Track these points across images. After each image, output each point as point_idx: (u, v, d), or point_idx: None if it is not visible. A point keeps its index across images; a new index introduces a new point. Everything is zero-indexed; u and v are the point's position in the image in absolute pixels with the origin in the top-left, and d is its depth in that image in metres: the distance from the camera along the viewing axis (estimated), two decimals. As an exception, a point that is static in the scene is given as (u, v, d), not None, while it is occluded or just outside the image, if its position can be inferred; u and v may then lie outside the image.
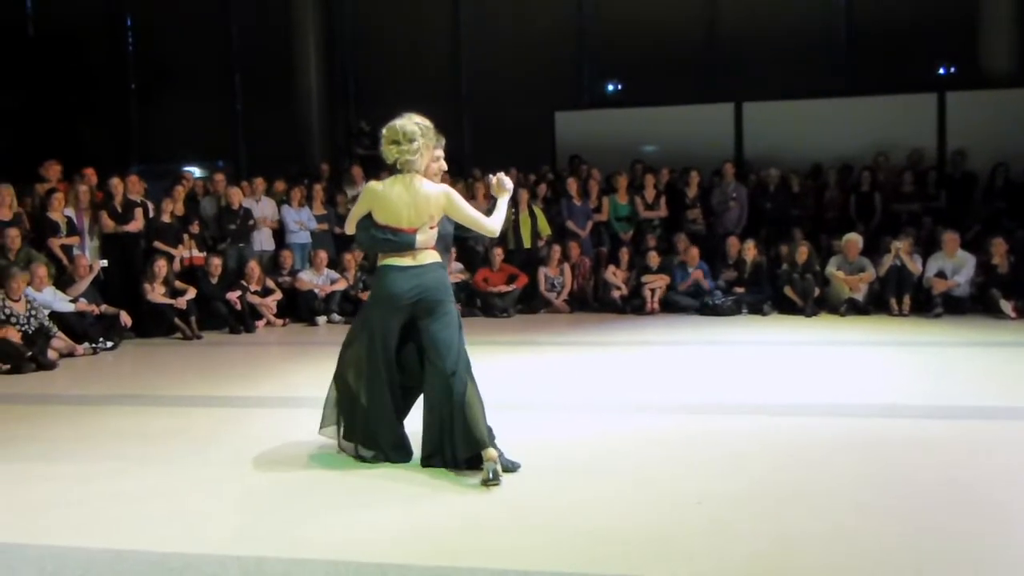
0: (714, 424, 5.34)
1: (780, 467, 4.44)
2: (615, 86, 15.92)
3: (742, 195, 11.80)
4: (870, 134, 12.76)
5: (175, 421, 5.75)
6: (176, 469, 4.64)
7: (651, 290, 10.76)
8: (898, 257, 10.19)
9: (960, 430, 5.14)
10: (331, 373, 7.28)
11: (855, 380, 6.66)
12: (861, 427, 5.20)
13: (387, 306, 4.42)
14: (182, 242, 10.50)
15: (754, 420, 5.42)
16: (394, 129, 4.39)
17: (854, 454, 4.63)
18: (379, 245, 4.45)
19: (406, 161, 4.39)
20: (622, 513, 3.83)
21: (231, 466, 4.65)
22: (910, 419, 5.38)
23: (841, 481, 4.20)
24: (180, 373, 7.81)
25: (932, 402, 5.85)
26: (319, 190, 11.70)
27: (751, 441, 4.92)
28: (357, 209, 4.50)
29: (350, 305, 10.64)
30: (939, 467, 4.40)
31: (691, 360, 7.76)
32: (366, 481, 4.34)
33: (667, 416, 5.56)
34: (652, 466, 4.49)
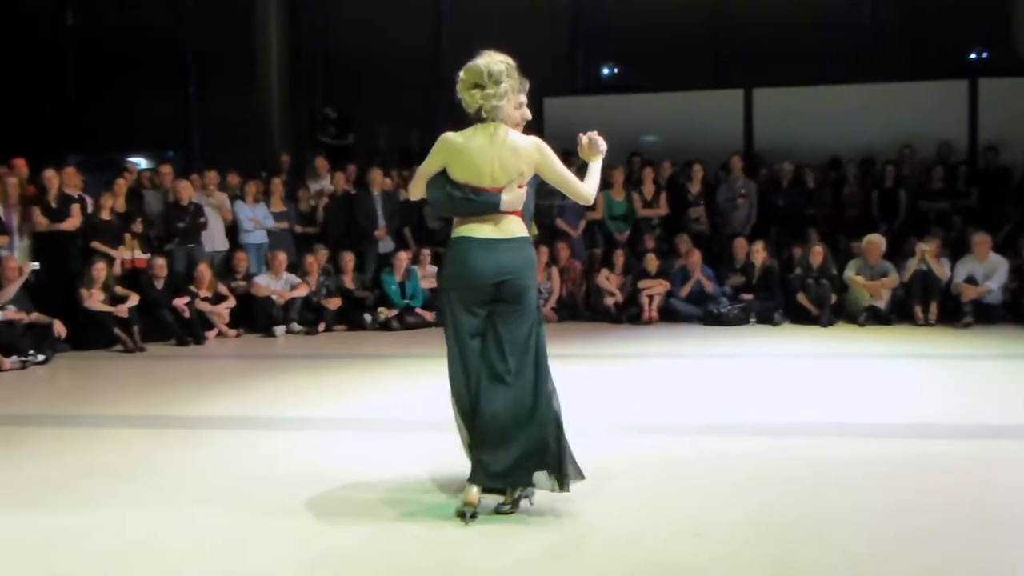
0: (718, 446, 5.34)
1: (790, 493, 4.45)
2: (611, 70, 15.98)
3: (751, 191, 11.85)
4: (894, 124, 12.86)
5: (116, 444, 5.70)
6: (118, 496, 4.59)
7: (649, 297, 10.78)
8: (924, 261, 10.25)
9: (991, 451, 5.16)
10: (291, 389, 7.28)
11: (875, 397, 6.68)
12: (881, 449, 5.21)
13: (464, 289, 4.08)
14: (123, 242, 10.45)
15: (762, 441, 5.43)
16: (476, 69, 4.09)
17: (873, 479, 4.64)
18: (457, 206, 4.09)
19: (493, 107, 4.07)
20: (615, 542, 3.82)
21: (180, 494, 4.61)
22: (936, 439, 5.41)
23: (857, 509, 4.20)
24: (120, 390, 7.75)
25: (960, 421, 5.88)
26: (278, 184, 11.69)
27: (758, 465, 4.93)
28: (428, 165, 4.15)
29: (312, 314, 10.62)
30: (966, 492, 4.41)
31: (693, 375, 7.77)
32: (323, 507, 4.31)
33: (666, 437, 5.56)
34: (648, 492, 4.48)
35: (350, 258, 11.10)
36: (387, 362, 8.75)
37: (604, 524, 4.05)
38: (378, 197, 11.56)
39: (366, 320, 10.70)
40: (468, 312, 4.09)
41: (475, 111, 4.09)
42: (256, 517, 4.23)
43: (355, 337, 10.35)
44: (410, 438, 5.60)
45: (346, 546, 3.86)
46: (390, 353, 9.23)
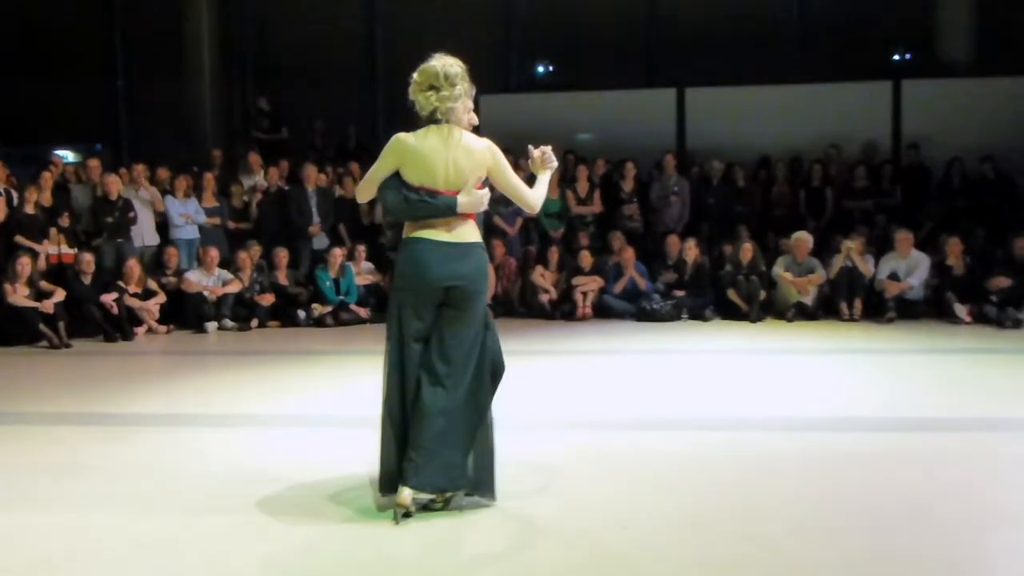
0: (649, 441, 5.40)
1: (717, 486, 4.52)
2: (546, 68, 16.03)
3: (684, 189, 11.99)
4: (821, 125, 13.11)
5: (39, 442, 5.58)
6: (40, 497, 4.49)
7: (583, 293, 10.85)
8: (849, 258, 10.47)
9: (911, 444, 5.30)
10: (222, 386, 7.18)
11: (802, 391, 6.82)
12: (806, 442, 5.32)
13: (414, 290, 4.05)
14: (48, 237, 10.21)
15: (692, 436, 5.50)
16: (432, 71, 4.04)
17: (796, 471, 4.74)
18: (414, 209, 4.03)
19: (448, 109, 4.04)
20: (543, 538, 3.85)
21: (104, 493, 4.52)
22: (858, 432, 5.54)
23: (779, 501, 4.29)
24: (45, 387, 7.58)
25: (882, 414, 6.02)
26: (210, 179, 11.51)
27: (686, 459, 5.00)
28: (380, 167, 4.09)
29: (244, 310, 10.49)
30: (888, 484, 4.53)
31: (626, 371, 7.85)
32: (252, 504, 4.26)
33: (597, 433, 5.61)
34: (578, 488, 4.52)
35: (284, 254, 10.98)
36: (321, 359, 8.68)
37: (537, 519, 4.07)
38: (312, 193, 11.45)
39: (300, 317, 10.59)
40: (415, 315, 4.05)
41: (429, 113, 4.06)
42: (188, 516, 4.17)
43: (288, 334, 10.25)
44: (344, 435, 5.56)
45: (285, 545, 3.83)
46: (324, 350, 9.15)
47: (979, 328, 9.57)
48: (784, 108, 13.46)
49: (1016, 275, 9.94)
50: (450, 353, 4.04)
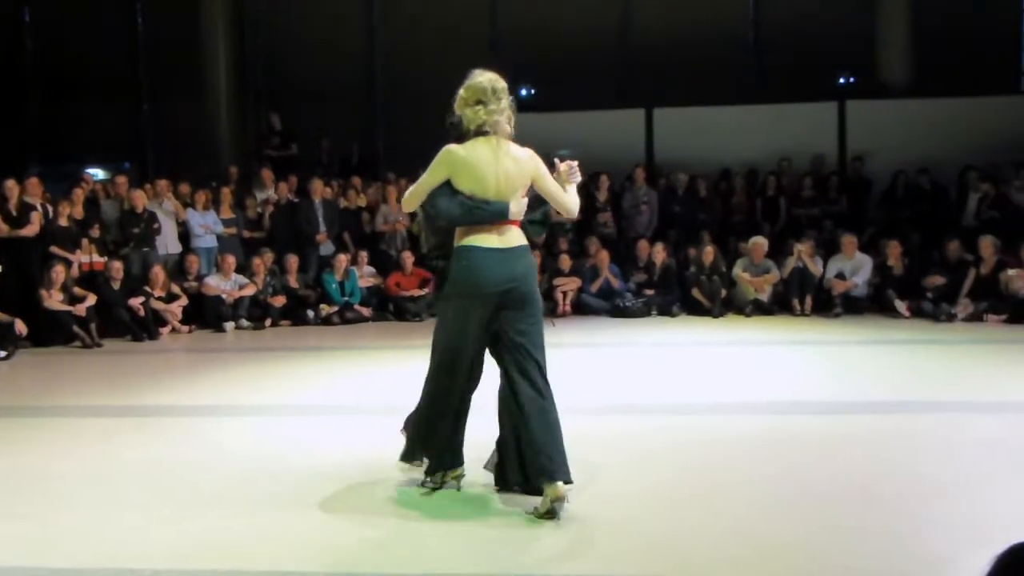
0: (621, 425, 5.41)
1: (682, 466, 4.53)
2: (527, 91, 16.02)
3: (652, 199, 12.00)
4: (775, 140, 13.13)
5: (75, 433, 5.54)
6: (76, 481, 4.47)
7: (563, 293, 10.85)
8: (800, 259, 10.50)
9: (858, 426, 5.33)
10: (239, 379, 7.14)
11: (760, 379, 6.84)
12: (764, 425, 5.34)
13: (472, 297, 3.82)
14: (81, 247, 10.12)
15: (659, 420, 5.51)
16: (480, 87, 3.87)
17: (757, 452, 4.75)
18: (469, 214, 3.83)
19: (495, 122, 3.87)
20: (522, 516, 3.83)
21: (135, 477, 4.49)
22: (811, 416, 5.56)
23: (743, 478, 4.30)
24: (80, 383, 7.52)
25: (832, 399, 6.05)
26: (227, 193, 11.45)
27: (655, 441, 5.01)
28: (430, 178, 3.87)
29: (259, 310, 10.43)
30: (838, 463, 4.55)
31: (601, 362, 7.85)
32: (271, 488, 4.25)
33: (575, 418, 5.53)
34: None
35: (294, 260, 10.93)
36: (328, 354, 8.65)
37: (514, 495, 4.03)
38: (319, 205, 11.41)
39: (309, 316, 10.55)
40: (469, 320, 3.85)
41: (477, 127, 3.88)
42: (210, 497, 4.15)
43: (299, 332, 10.20)
44: (352, 422, 5.55)
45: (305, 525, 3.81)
46: (331, 346, 9.11)
47: (917, 322, 9.61)
48: (742, 126, 13.48)
49: (949, 274, 10.00)
50: (530, 350, 3.87)
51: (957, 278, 9.86)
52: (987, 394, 6.15)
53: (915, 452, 4.73)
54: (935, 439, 5.02)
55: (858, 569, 3.26)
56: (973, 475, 4.33)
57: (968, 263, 10.00)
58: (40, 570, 3.37)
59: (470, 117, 3.88)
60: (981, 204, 11.28)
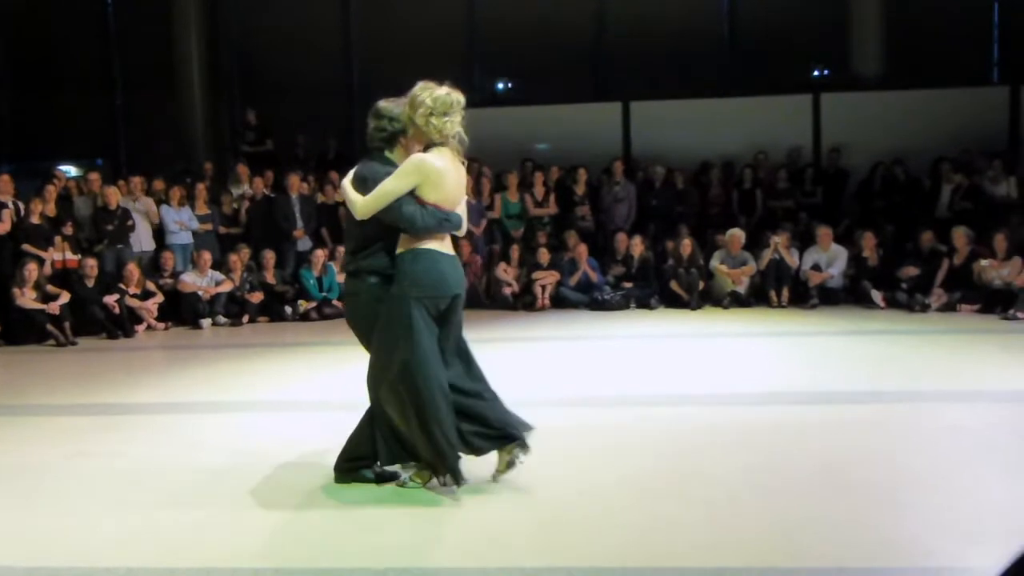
0: (596, 416, 5.43)
1: (659, 456, 4.54)
2: (505, 84, 15.99)
3: (630, 192, 12.03)
4: (751, 133, 13.18)
5: (48, 431, 5.48)
6: (49, 480, 4.42)
7: (542, 287, 10.86)
8: (777, 251, 10.56)
9: (834, 415, 5.37)
10: (217, 375, 7.08)
11: (737, 370, 6.88)
12: (740, 415, 5.37)
13: (433, 299, 3.91)
14: (54, 244, 10.01)
15: (636, 411, 5.54)
16: (448, 100, 3.91)
17: (733, 442, 4.78)
18: (438, 224, 3.89)
19: (456, 134, 3.95)
20: (500, 506, 3.85)
21: (108, 475, 4.45)
22: (787, 406, 5.60)
23: (717, 469, 4.32)
24: (53, 381, 7.44)
25: (808, 388, 6.09)
26: (202, 189, 11.35)
27: (632, 432, 5.02)
28: (400, 185, 3.83)
29: (236, 307, 10.37)
30: (813, 452, 4.58)
31: (580, 354, 7.87)
32: (247, 484, 4.22)
33: (551, 410, 5.60)
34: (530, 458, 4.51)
35: (271, 256, 10.87)
36: (307, 350, 8.61)
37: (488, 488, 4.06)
38: (296, 200, 11.34)
39: (287, 312, 10.50)
40: (430, 318, 3.93)
41: (446, 137, 3.91)
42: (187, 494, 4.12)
43: (277, 328, 10.15)
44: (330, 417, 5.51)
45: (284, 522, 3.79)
46: (309, 341, 9.07)
47: (892, 312, 9.70)
48: (718, 119, 13.53)
49: (923, 265, 10.09)
50: (468, 350, 4.15)
51: (931, 269, 9.96)
52: (960, 383, 6.22)
53: (890, 440, 4.78)
54: (909, 427, 5.07)
55: (834, 556, 3.28)
56: (947, 463, 4.38)
57: (942, 253, 10.10)
58: (13, 569, 3.33)
59: (437, 127, 3.89)
60: (954, 195, 11.39)
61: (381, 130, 4.03)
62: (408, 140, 4.01)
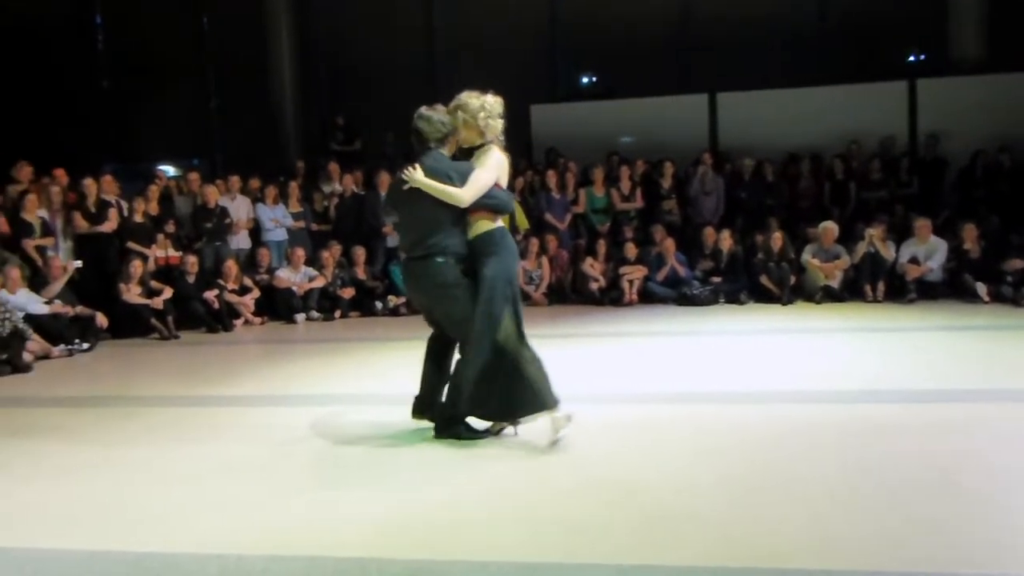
0: (691, 413, 5.37)
1: (756, 455, 4.47)
2: (590, 79, 15.94)
3: (718, 185, 11.85)
4: (843, 122, 12.84)
5: (153, 421, 5.71)
6: (156, 469, 4.61)
7: (629, 281, 10.79)
8: (872, 244, 10.28)
9: (936, 414, 5.19)
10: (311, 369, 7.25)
11: (831, 367, 6.71)
12: (838, 414, 5.24)
13: (514, 265, 4.75)
14: (156, 241, 10.42)
15: (731, 408, 5.45)
16: (497, 104, 4.72)
17: (830, 441, 4.67)
18: (511, 204, 4.82)
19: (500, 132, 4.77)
20: (600, 502, 3.84)
21: (212, 465, 4.62)
22: (886, 404, 5.43)
23: (817, 468, 4.23)
24: (158, 373, 7.75)
25: (908, 387, 5.90)
26: (295, 187, 11.64)
27: (728, 429, 4.95)
28: (491, 176, 4.68)
29: (328, 302, 10.61)
30: (915, 452, 4.44)
31: (669, 350, 7.80)
32: (347, 474, 4.33)
33: (644, 406, 5.58)
34: (628, 455, 4.51)
35: (361, 252, 11.08)
36: (397, 344, 8.73)
37: (591, 481, 4.06)
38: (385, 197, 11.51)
39: (377, 307, 10.69)
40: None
41: (499, 135, 4.75)
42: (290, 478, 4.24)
43: (367, 322, 10.35)
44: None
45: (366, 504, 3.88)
46: (399, 336, 9.20)
47: (996, 307, 9.32)
48: (808, 109, 13.24)
49: (1030, 257, 9.68)
50: None
51: (1038, 261, 9.54)
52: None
53: (995, 441, 4.60)
54: (1016, 428, 4.87)
55: (945, 561, 3.18)
56: (1060, 465, 4.19)
57: (1050, 245, 9.67)
58: (130, 554, 3.48)
59: (493, 127, 4.73)
60: (1063, 183, 10.88)
61: (437, 131, 4.74)
62: (452, 140, 4.78)
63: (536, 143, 13.98)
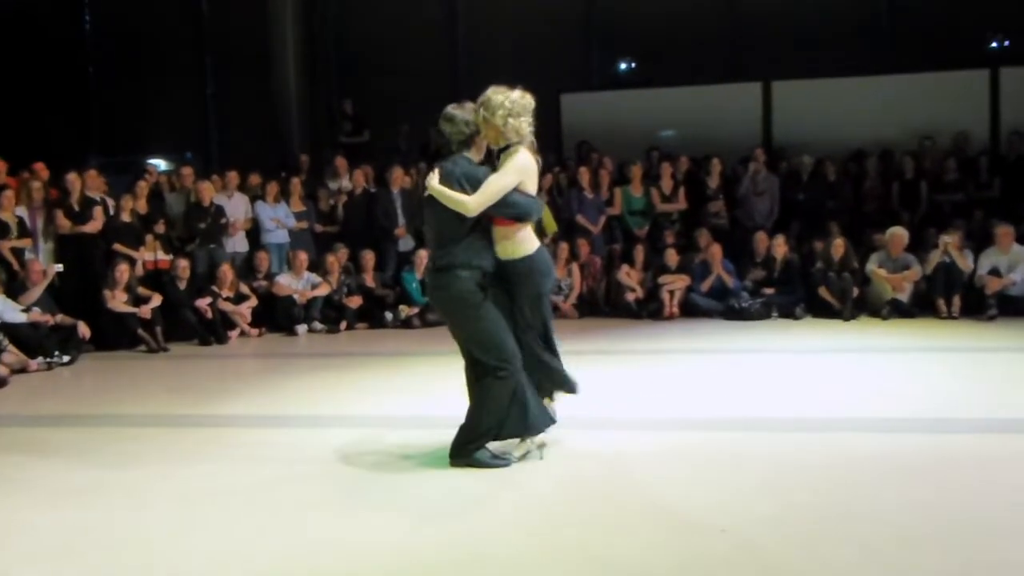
0: (742, 442, 5.33)
1: (815, 489, 4.43)
2: (627, 65, 15.93)
3: (772, 185, 11.81)
4: (914, 116, 12.80)
5: (139, 443, 5.75)
6: (143, 493, 4.64)
7: (669, 292, 10.76)
8: (946, 253, 10.20)
9: (1017, 446, 5.13)
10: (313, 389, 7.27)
11: (899, 392, 6.64)
12: (906, 444, 5.19)
13: (549, 280, 4.90)
14: (145, 243, 10.51)
15: (787, 437, 5.42)
16: (525, 103, 4.76)
17: (898, 474, 4.62)
18: (540, 212, 4.87)
19: (528, 133, 4.80)
20: (642, 540, 3.82)
21: (204, 492, 4.64)
22: (963, 435, 5.38)
23: (882, 505, 4.18)
24: (145, 390, 7.79)
25: (985, 415, 5.83)
26: (297, 184, 11.72)
27: (783, 461, 4.92)
28: (510, 182, 4.70)
29: (333, 312, 10.66)
30: (996, 490, 4.38)
31: (715, 370, 7.75)
32: (355, 503, 4.33)
33: (689, 433, 5.55)
34: (673, 488, 4.48)
35: (370, 256, 11.13)
36: (409, 360, 8.77)
37: (628, 518, 4.05)
38: (398, 195, 11.57)
39: (387, 318, 10.73)
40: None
41: (522, 136, 4.75)
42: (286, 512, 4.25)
43: (377, 335, 10.39)
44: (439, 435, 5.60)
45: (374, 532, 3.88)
46: (412, 351, 9.24)
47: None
48: (874, 100, 13.20)
49: None
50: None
51: None
52: None
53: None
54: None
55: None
56: None
57: None
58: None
59: (515, 127, 4.72)
60: None
61: (460, 133, 4.81)
62: (480, 140, 4.81)
63: (567, 136, 13.99)
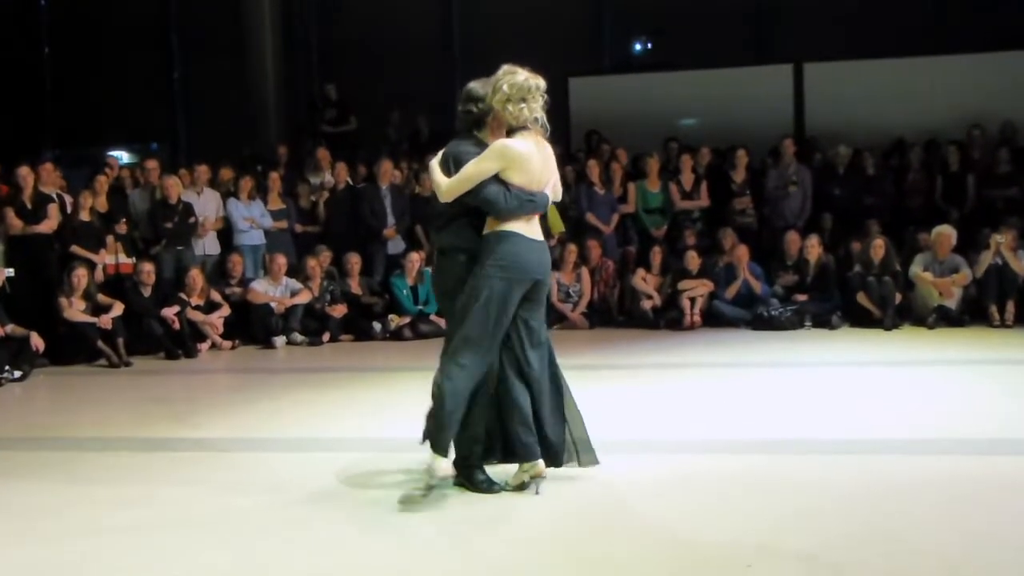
0: (771, 466, 5.34)
1: (850, 517, 4.44)
2: (643, 45, 15.96)
3: (804, 179, 11.84)
4: (962, 102, 12.85)
5: (98, 469, 5.75)
6: (99, 527, 4.63)
7: (690, 299, 10.78)
8: (999, 254, 10.23)
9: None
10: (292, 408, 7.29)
11: (946, 409, 6.66)
12: (955, 468, 5.19)
13: (519, 281, 4.77)
14: (106, 245, 10.52)
15: (822, 460, 5.42)
16: (525, 85, 4.75)
17: (946, 502, 4.63)
18: (521, 206, 4.78)
19: (535, 119, 4.82)
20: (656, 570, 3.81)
21: (169, 522, 4.64)
22: (1014, 456, 5.40)
23: (926, 534, 4.19)
24: (105, 409, 7.79)
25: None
26: (275, 179, 11.75)
27: (817, 487, 4.92)
28: (483, 169, 4.70)
29: (315, 322, 10.66)
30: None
31: (742, 387, 7.77)
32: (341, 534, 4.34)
33: (713, 457, 5.55)
34: (693, 519, 4.48)
35: (356, 260, 11.13)
36: (399, 376, 8.77)
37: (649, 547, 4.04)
38: (387, 191, 11.58)
39: (375, 329, 10.75)
40: (511, 303, 4.76)
41: (522, 123, 4.77)
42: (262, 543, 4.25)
43: (363, 348, 10.40)
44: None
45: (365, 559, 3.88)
46: (402, 366, 9.25)
47: None
48: (917, 84, 13.26)
49: None
50: (539, 338, 4.92)
51: None
52: None
53: None
54: None
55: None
56: None
57: None
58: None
59: (514, 113, 4.76)
60: None
61: (468, 112, 4.92)
62: (492, 122, 4.87)
63: (575, 125, 14.03)
